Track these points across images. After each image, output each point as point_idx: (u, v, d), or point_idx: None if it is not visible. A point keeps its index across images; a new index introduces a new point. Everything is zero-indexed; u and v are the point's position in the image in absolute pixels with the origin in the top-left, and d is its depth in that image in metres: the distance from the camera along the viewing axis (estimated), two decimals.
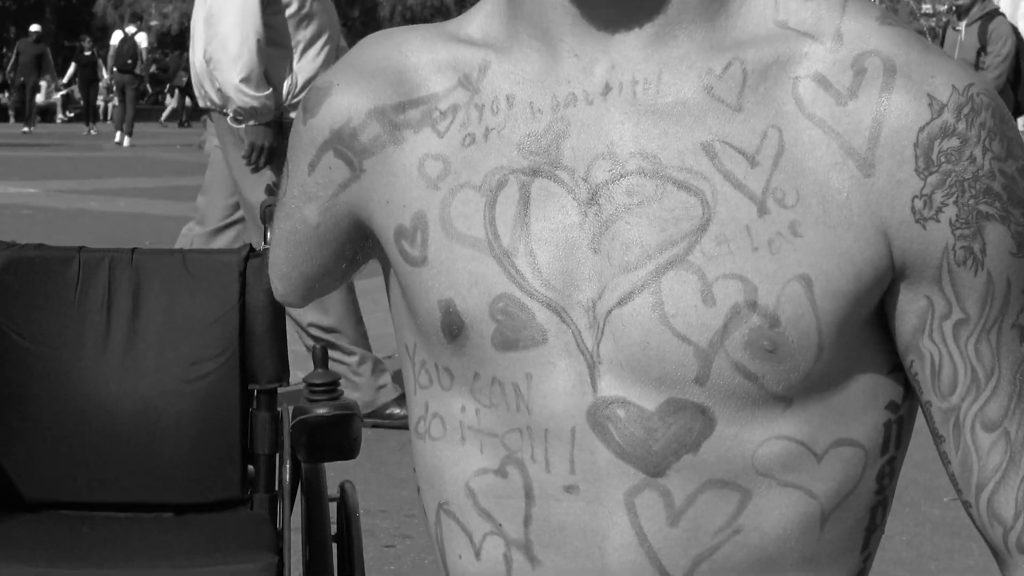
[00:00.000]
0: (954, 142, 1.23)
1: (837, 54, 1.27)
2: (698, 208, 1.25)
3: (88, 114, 30.78)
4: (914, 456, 1.34)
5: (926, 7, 59.52)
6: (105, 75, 31.08)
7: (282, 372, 2.82)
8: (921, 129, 1.23)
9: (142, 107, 25.83)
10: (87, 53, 31.39)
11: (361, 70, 1.41)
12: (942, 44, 11.22)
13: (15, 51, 30.11)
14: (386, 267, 1.43)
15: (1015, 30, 11.11)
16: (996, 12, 11.01)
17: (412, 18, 41.21)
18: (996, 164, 1.24)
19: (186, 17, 6.93)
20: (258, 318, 2.80)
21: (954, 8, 11.16)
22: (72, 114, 31.63)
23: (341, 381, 2.75)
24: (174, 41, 40.97)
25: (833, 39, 1.27)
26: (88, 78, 30.72)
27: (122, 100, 26.13)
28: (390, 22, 40.57)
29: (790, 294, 1.23)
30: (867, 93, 1.24)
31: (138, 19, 28.25)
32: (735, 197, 1.24)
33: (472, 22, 1.40)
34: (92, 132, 28.97)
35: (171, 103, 35.11)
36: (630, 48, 1.28)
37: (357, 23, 41.15)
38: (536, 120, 1.31)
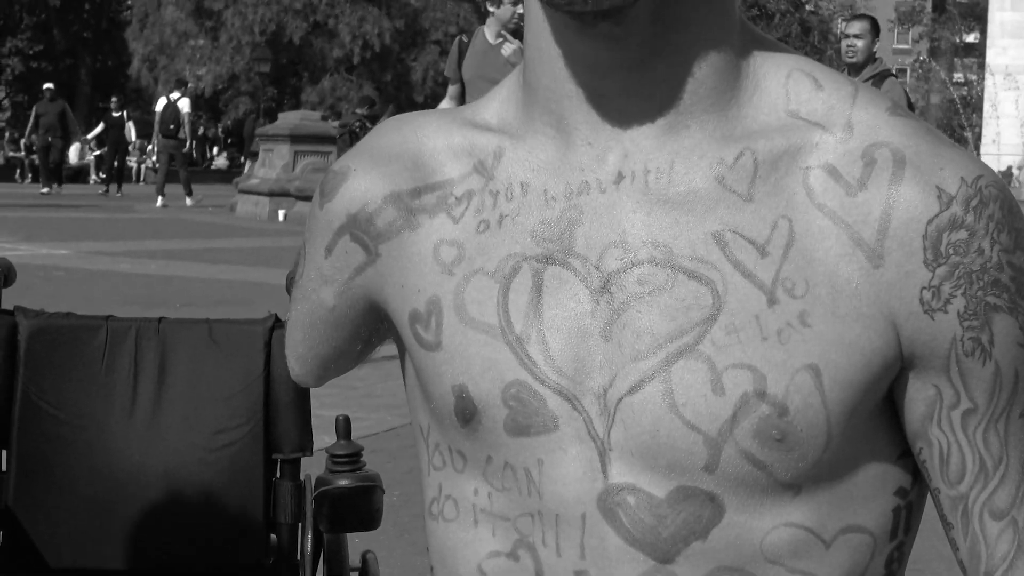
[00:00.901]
0: (962, 234, 1.24)
1: (847, 145, 1.28)
2: (708, 298, 1.26)
3: (111, 175, 30.85)
4: (937, 527, 1.35)
5: (957, 76, 59.44)
6: (134, 136, 31.26)
7: (306, 442, 2.83)
8: (930, 221, 1.24)
9: (174, 169, 25.94)
10: (115, 114, 31.55)
11: (378, 155, 1.43)
12: None
13: (33, 113, 30.24)
14: (401, 349, 1.44)
15: (907, 95, 10.43)
16: (888, 73, 10.31)
17: (444, 82, 41.45)
18: (1004, 256, 1.25)
19: (220, 79, 7.12)
20: (283, 388, 2.81)
21: (844, 68, 10.27)
22: (105, 175, 31.77)
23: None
24: (208, 103, 41.22)
25: (843, 129, 1.29)
26: (115, 139, 30.85)
27: (164, 164, 26.29)
28: (422, 86, 40.79)
29: (799, 384, 1.24)
30: (877, 184, 1.26)
31: (183, 85, 28.44)
32: (745, 287, 1.26)
33: (488, 108, 1.42)
34: (118, 195, 29.08)
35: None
36: (643, 137, 1.30)
37: (390, 87, 41.37)
38: (550, 207, 1.33)
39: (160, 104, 27.55)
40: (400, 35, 41.62)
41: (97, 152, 34.93)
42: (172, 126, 25.94)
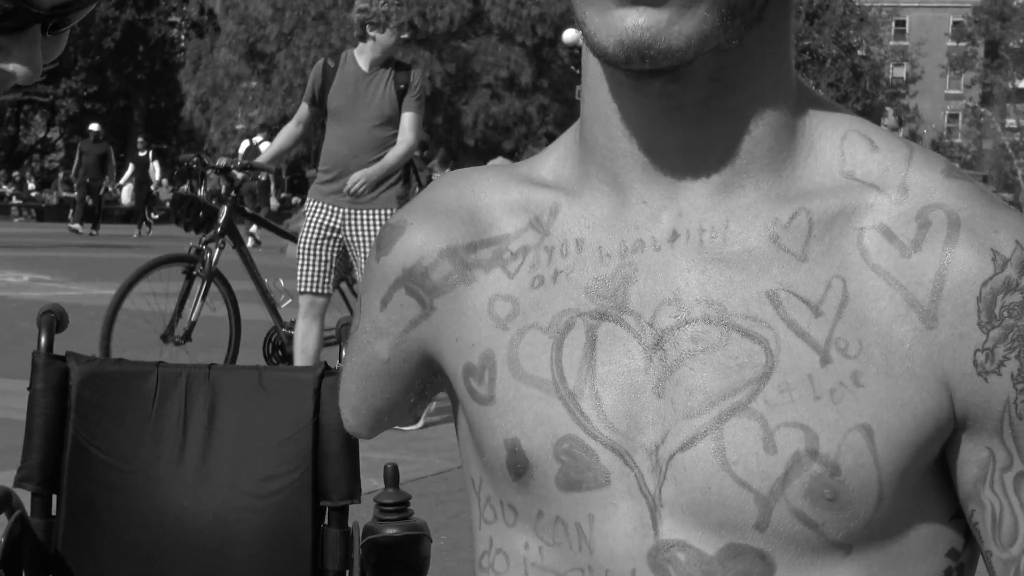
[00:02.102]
0: (1017, 297, 1.24)
1: (902, 206, 1.28)
2: (762, 356, 1.26)
3: (138, 215, 30.97)
4: None
5: (1010, 122, 59.26)
6: (158, 175, 31.45)
7: (354, 490, 2.83)
8: (984, 284, 1.24)
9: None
10: (140, 154, 31.71)
11: (434, 210, 1.44)
12: None
13: (78, 151, 30.48)
14: (455, 402, 1.45)
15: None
16: None
17: (495, 126, 41.55)
18: None
19: (272, 121, 7.16)
20: (332, 436, 2.81)
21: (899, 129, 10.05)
22: (156, 216, 31.92)
23: None
24: (257, 148, 41.47)
25: (898, 191, 1.29)
26: (140, 179, 31.00)
27: (248, 204, 26.63)
28: (473, 130, 40.93)
29: (851, 443, 1.24)
30: (931, 246, 1.26)
31: (266, 129, 28.80)
32: (798, 346, 1.26)
33: (544, 164, 1.43)
34: (148, 232, 29.21)
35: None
36: (698, 196, 1.31)
37: (441, 130, 41.53)
38: (604, 264, 1.34)
39: (243, 147, 27.88)
40: (451, 79, 41.80)
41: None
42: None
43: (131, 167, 32.45)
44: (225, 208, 8.33)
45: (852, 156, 1.32)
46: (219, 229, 8.24)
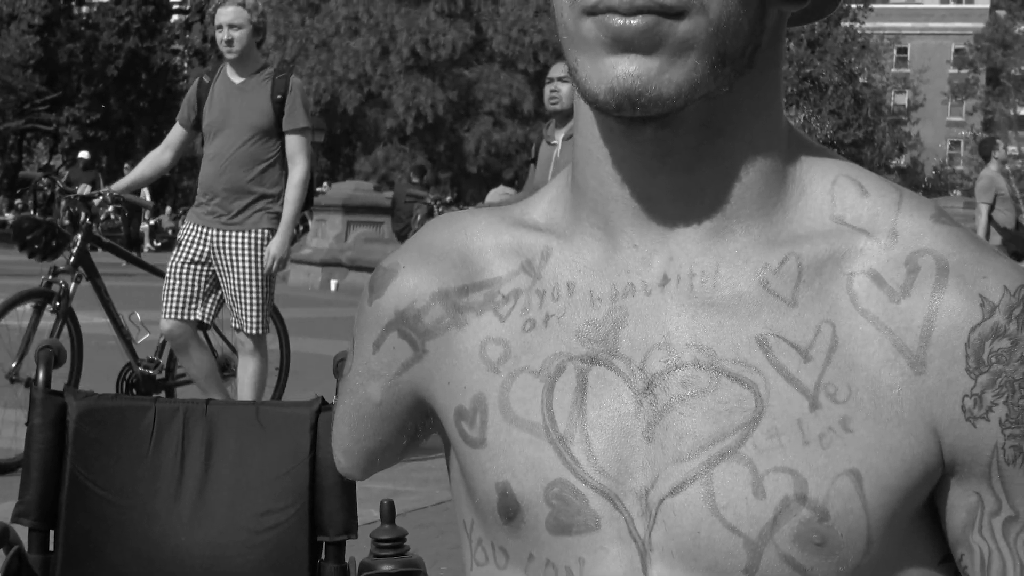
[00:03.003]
0: (1005, 343, 1.25)
1: (891, 251, 1.29)
2: (751, 401, 1.26)
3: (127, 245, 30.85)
4: None
5: (1012, 149, 59.26)
6: (148, 198, 31.40)
7: (351, 525, 2.84)
8: (972, 329, 1.25)
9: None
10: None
11: (427, 253, 1.44)
12: (535, 160, 8.38)
13: (65, 180, 30.39)
14: (447, 444, 1.45)
15: None
16: None
17: (497, 153, 41.61)
18: None
19: None
20: (328, 472, 2.82)
21: (548, 119, 8.51)
22: (160, 243, 31.88)
23: None
24: None
25: (888, 236, 1.30)
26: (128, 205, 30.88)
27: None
28: (475, 157, 41.00)
29: (840, 489, 1.24)
30: (920, 291, 1.26)
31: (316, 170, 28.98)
32: (788, 391, 1.26)
33: (537, 207, 1.43)
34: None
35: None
36: (688, 241, 1.31)
37: (443, 157, 41.59)
38: (595, 308, 1.34)
39: None
40: (453, 106, 41.88)
41: (152, 222, 35.09)
42: None
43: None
44: (79, 236, 7.78)
45: (842, 201, 1.32)
46: (72, 260, 7.67)
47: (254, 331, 7.33)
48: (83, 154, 30.81)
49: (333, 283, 21.62)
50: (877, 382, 1.26)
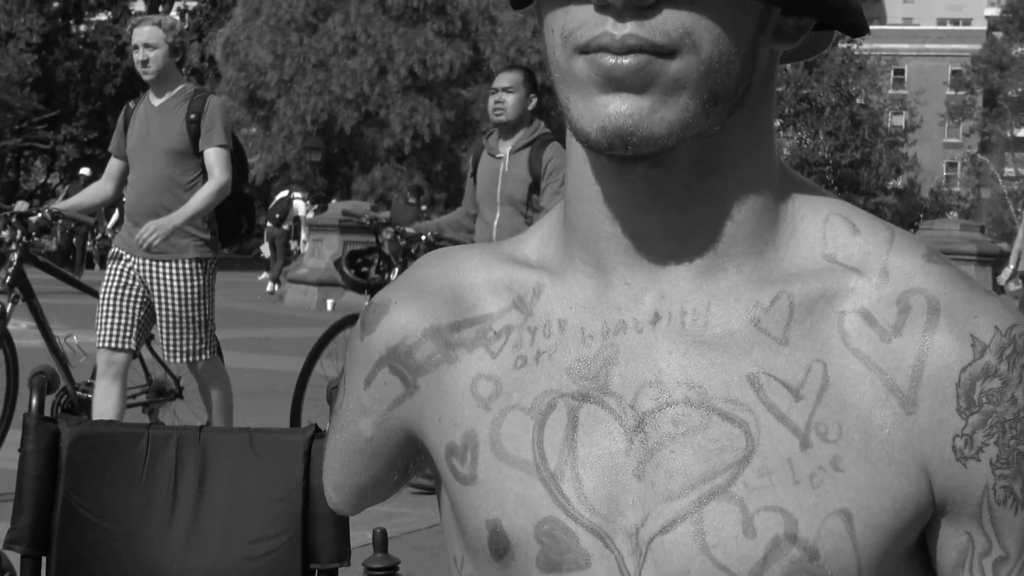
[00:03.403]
0: (996, 383, 1.25)
1: (883, 290, 1.29)
2: (742, 439, 1.26)
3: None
4: None
5: (1008, 171, 59.33)
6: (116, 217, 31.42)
7: (343, 552, 2.83)
8: (963, 369, 1.25)
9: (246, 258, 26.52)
10: None
11: (419, 289, 1.44)
12: (474, 173, 7.99)
13: (64, 195, 30.25)
14: (437, 480, 1.45)
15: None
16: (549, 138, 7.85)
17: None
18: None
19: (271, 168, 6.92)
20: (322, 499, 2.78)
21: (491, 129, 8.03)
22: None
23: None
24: (259, 191, 41.55)
25: (879, 275, 1.30)
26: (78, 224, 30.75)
27: (272, 251, 26.94)
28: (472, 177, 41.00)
29: (830, 528, 1.24)
30: (911, 331, 1.27)
31: (308, 190, 29.15)
32: (778, 430, 1.26)
33: (528, 244, 1.43)
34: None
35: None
36: (680, 279, 1.31)
37: (440, 177, 41.63)
38: (586, 345, 1.34)
39: (278, 196, 28.21)
40: (450, 126, 41.89)
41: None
42: (278, 215, 26.63)
43: (116, 213, 32.38)
44: (15, 256, 7.54)
45: (834, 239, 1.33)
46: (8, 280, 7.48)
47: (198, 359, 7.16)
48: (84, 171, 30.74)
49: (329, 303, 21.58)
50: (868, 421, 1.26)
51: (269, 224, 27.15)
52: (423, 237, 8.16)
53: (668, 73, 1.21)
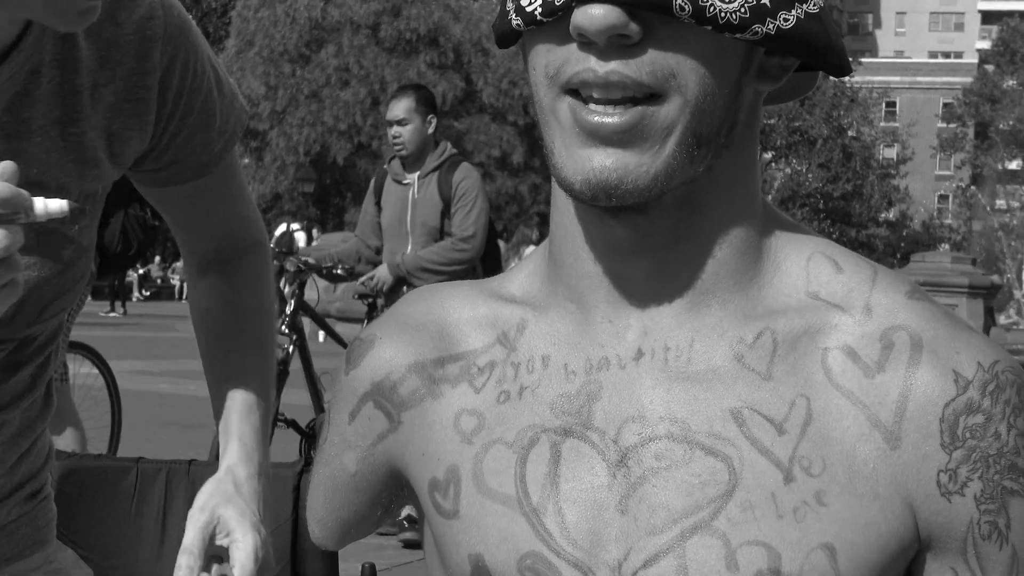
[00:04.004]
0: (979, 418, 1.25)
1: (866, 327, 1.29)
2: (725, 474, 1.27)
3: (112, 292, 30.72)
4: None
5: (1000, 203, 59.44)
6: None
7: None
8: (947, 405, 1.25)
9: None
10: None
11: (404, 324, 1.45)
12: (378, 201, 7.56)
13: None
14: (421, 515, 1.45)
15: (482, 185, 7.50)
16: (459, 159, 7.48)
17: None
18: (1021, 440, 1.26)
19: (263, 199, 6.68)
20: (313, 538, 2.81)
21: (394, 158, 7.58)
22: (148, 293, 31.84)
23: None
24: None
25: (863, 312, 1.30)
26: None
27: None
28: None
29: (814, 563, 1.24)
30: (894, 367, 1.27)
31: (312, 223, 29.15)
32: (762, 464, 1.26)
33: (514, 280, 1.44)
34: (120, 313, 29.13)
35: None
36: (663, 315, 1.32)
37: None
38: (569, 381, 1.34)
39: (279, 230, 28.23)
40: None
41: (141, 271, 35.06)
42: (280, 250, 26.70)
43: None
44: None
45: (817, 277, 1.33)
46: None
47: None
48: None
49: (320, 335, 21.53)
50: (852, 456, 1.26)
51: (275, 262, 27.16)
52: (323, 268, 8.07)
53: (657, 122, 1.22)
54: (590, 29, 1.19)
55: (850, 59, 1.35)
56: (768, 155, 56.77)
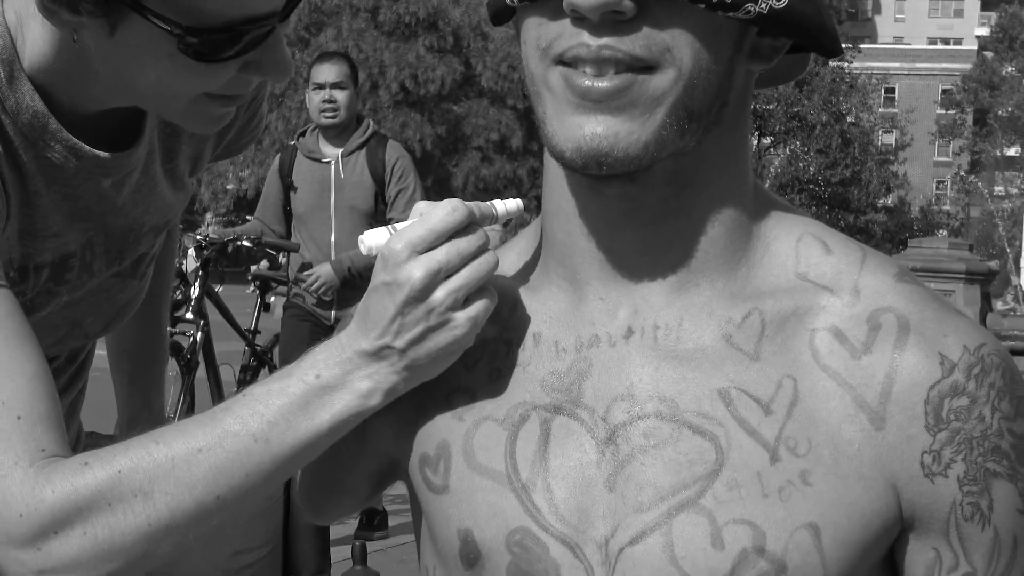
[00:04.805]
0: (964, 401, 1.25)
1: (854, 309, 1.30)
2: (712, 453, 1.27)
3: None
4: None
5: (998, 189, 59.40)
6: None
7: (323, 564, 2.83)
8: (932, 387, 1.26)
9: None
10: None
11: None
12: (292, 185, 6.62)
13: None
14: (412, 491, 1.46)
15: (413, 162, 6.79)
16: (384, 136, 6.83)
17: (485, 188, 41.64)
18: (1005, 423, 1.26)
19: (263, 182, 6.51)
20: (302, 512, 2.81)
21: (304, 128, 6.92)
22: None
23: None
24: (250, 205, 41.53)
25: (851, 294, 1.31)
26: None
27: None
28: (463, 192, 41.04)
29: (798, 542, 1.24)
30: (881, 349, 1.27)
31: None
32: (748, 444, 1.27)
33: (506, 258, 1.44)
34: None
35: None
36: (653, 294, 1.32)
37: (431, 192, 41.58)
38: (560, 359, 1.35)
39: None
40: (442, 141, 41.92)
41: None
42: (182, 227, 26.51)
43: None
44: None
45: (806, 258, 1.33)
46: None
47: None
48: None
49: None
50: (837, 437, 1.26)
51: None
52: (226, 242, 7.13)
53: (647, 92, 1.22)
54: (584, 5, 1.19)
55: (850, 45, 1.35)
56: (767, 140, 56.72)
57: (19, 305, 1.54)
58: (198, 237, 7.33)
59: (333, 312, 6.62)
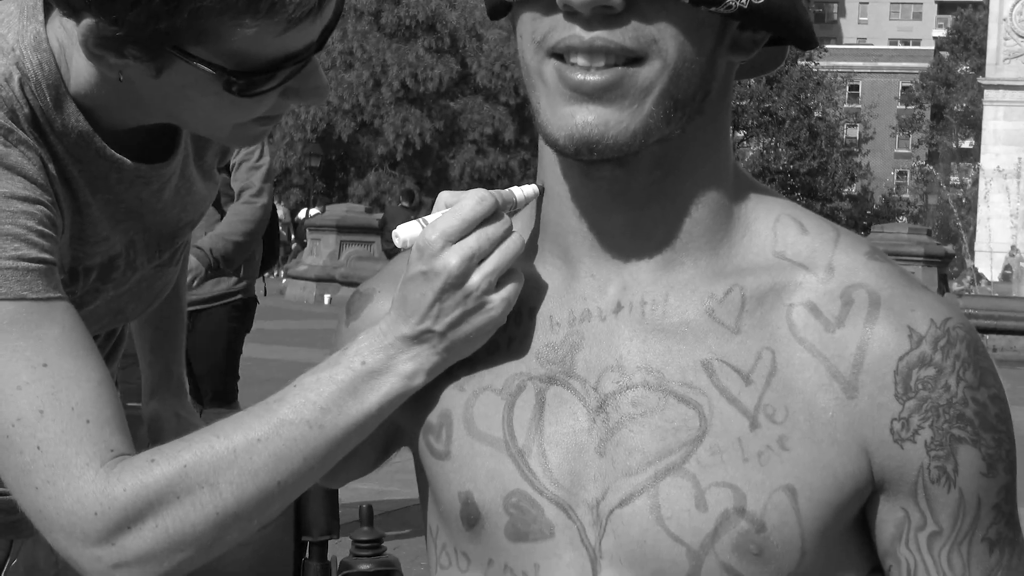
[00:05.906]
0: (930, 371, 1.25)
1: (828, 285, 1.29)
2: (696, 420, 1.27)
3: None
4: None
5: (954, 179, 59.44)
6: None
7: (333, 526, 2.82)
8: (901, 358, 1.25)
9: None
10: None
11: (400, 278, 1.44)
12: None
13: None
14: (416, 457, 1.45)
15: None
16: None
17: (480, 179, 41.66)
18: (969, 392, 1.26)
19: (273, 173, 6.26)
20: None
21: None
22: None
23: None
24: None
25: (825, 271, 1.30)
26: None
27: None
28: (460, 182, 41.06)
29: (776, 503, 1.24)
30: (853, 322, 1.27)
31: (302, 187, 28.83)
32: (729, 412, 1.26)
33: None
34: None
35: None
36: (641, 272, 1.32)
37: (430, 182, 41.61)
38: (554, 332, 1.34)
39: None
40: (440, 135, 41.95)
41: None
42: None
43: None
44: None
45: (784, 238, 1.33)
46: None
47: None
48: None
49: (326, 297, 21.58)
50: (813, 405, 1.26)
51: None
52: None
53: (636, 83, 1.22)
54: (576, 0, 1.18)
55: (816, 43, 1.34)
56: (740, 134, 56.74)
57: (79, 316, 1.54)
58: None
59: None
